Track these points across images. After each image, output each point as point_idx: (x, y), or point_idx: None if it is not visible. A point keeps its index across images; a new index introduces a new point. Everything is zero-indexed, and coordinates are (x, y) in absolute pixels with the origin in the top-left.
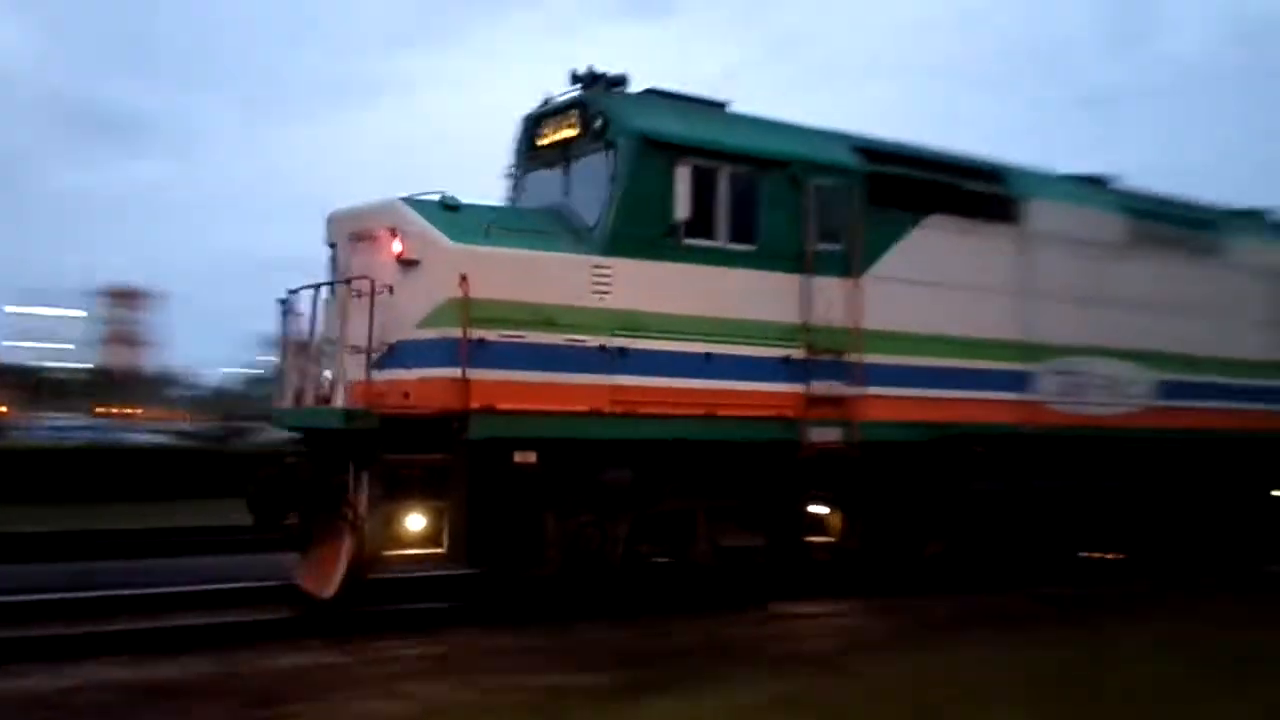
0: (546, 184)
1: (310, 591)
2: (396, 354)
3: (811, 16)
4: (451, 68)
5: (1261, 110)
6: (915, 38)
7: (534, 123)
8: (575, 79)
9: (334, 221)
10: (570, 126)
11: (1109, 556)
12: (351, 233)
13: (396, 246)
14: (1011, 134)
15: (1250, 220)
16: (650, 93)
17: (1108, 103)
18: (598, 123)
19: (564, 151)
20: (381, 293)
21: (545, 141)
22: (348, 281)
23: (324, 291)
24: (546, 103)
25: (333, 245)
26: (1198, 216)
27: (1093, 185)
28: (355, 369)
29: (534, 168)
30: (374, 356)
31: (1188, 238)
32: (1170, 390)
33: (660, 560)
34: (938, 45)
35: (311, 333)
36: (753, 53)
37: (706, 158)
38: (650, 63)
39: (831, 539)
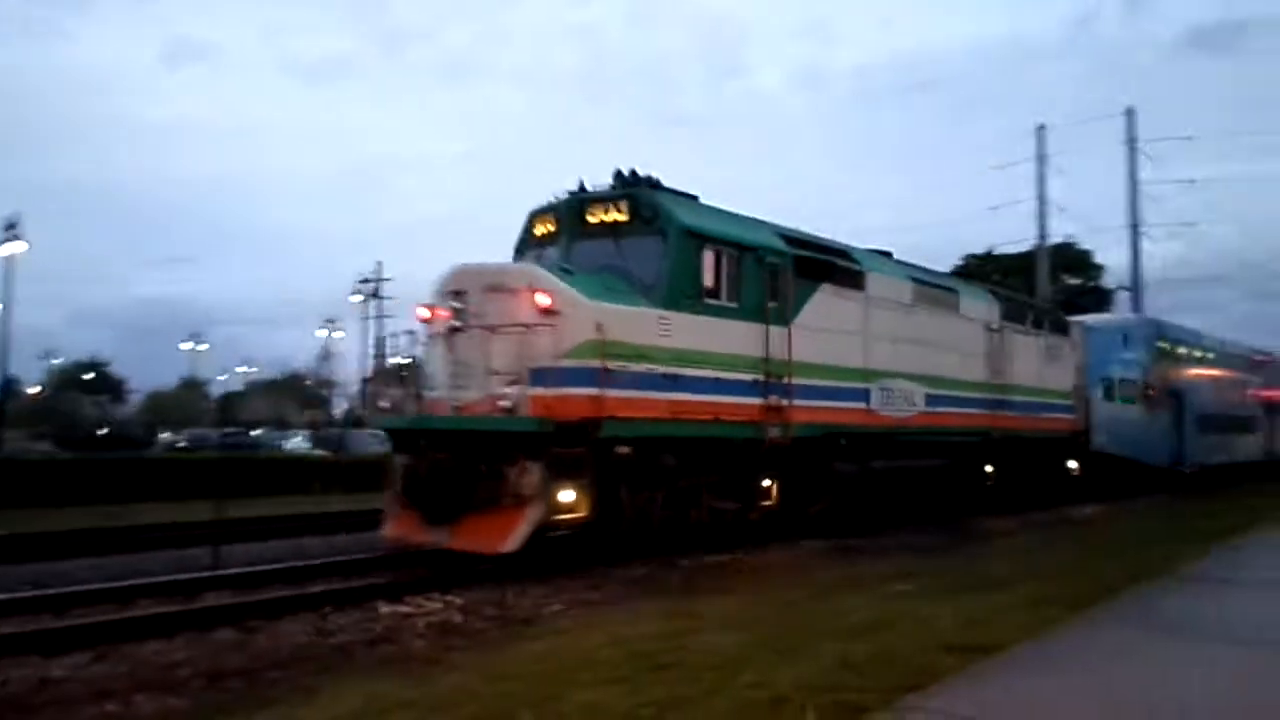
0: (594, 251)
1: (478, 550)
2: (538, 378)
3: (430, 11)
4: None
5: (822, 140)
6: (537, 45)
7: (581, 205)
8: (619, 176)
9: (464, 274)
10: (620, 212)
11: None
12: (485, 286)
13: (543, 300)
14: (625, 147)
15: (961, 284)
16: (673, 192)
17: (703, 124)
18: (649, 214)
19: (613, 229)
20: (518, 332)
21: (595, 220)
22: (492, 328)
23: (439, 327)
24: (584, 190)
25: (457, 293)
26: (942, 283)
27: (887, 258)
28: (497, 388)
29: (582, 239)
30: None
31: (939, 297)
32: (934, 401)
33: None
34: (560, 55)
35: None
36: (364, 45)
37: (718, 244)
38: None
39: (770, 503)
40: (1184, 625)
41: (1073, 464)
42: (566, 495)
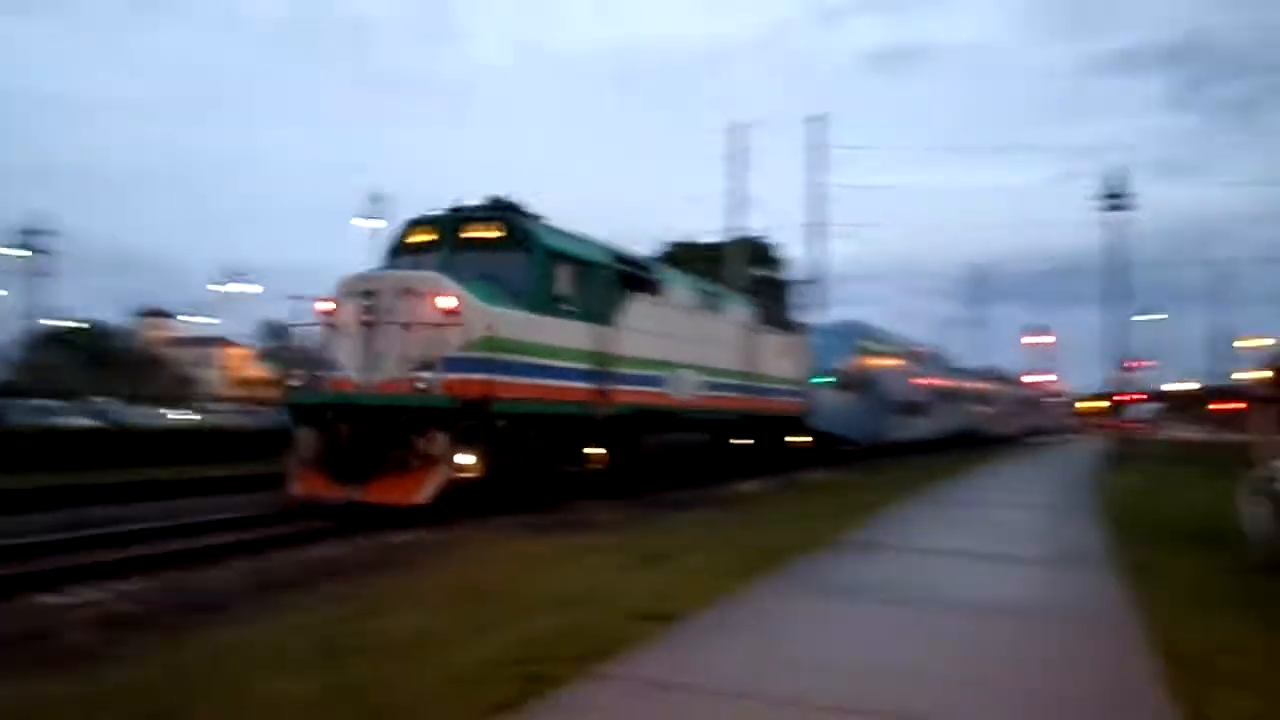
0: (472, 262)
1: (393, 503)
2: (448, 365)
3: None
4: None
5: (532, 116)
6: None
7: (460, 222)
8: (496, 201)
9: (376, 279)
10: (496, 231)
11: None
12: (397, 289)
13: (445, 303)
14: (328, 108)
15: (722, 291)
16: (529, 215)
17: (413, 88)
18: (520, 235)
19: (488, 244)
20: (429, 328)
21: (472, 235)
22: (407, 326)
23: (347, 321)
24: (461, 209)
25: (368, 293)
26: (714, 291)
27: (677, 272)
28: (412, 372)
29: (461, 250)
30: (424, 366)
31: (712, 303)
32: (708, 387)
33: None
34: (262, 6)
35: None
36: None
37: (569, 261)
38: None
39: (600, 465)
40: (843, 588)
41: (802, 439)
42: (465, 459)
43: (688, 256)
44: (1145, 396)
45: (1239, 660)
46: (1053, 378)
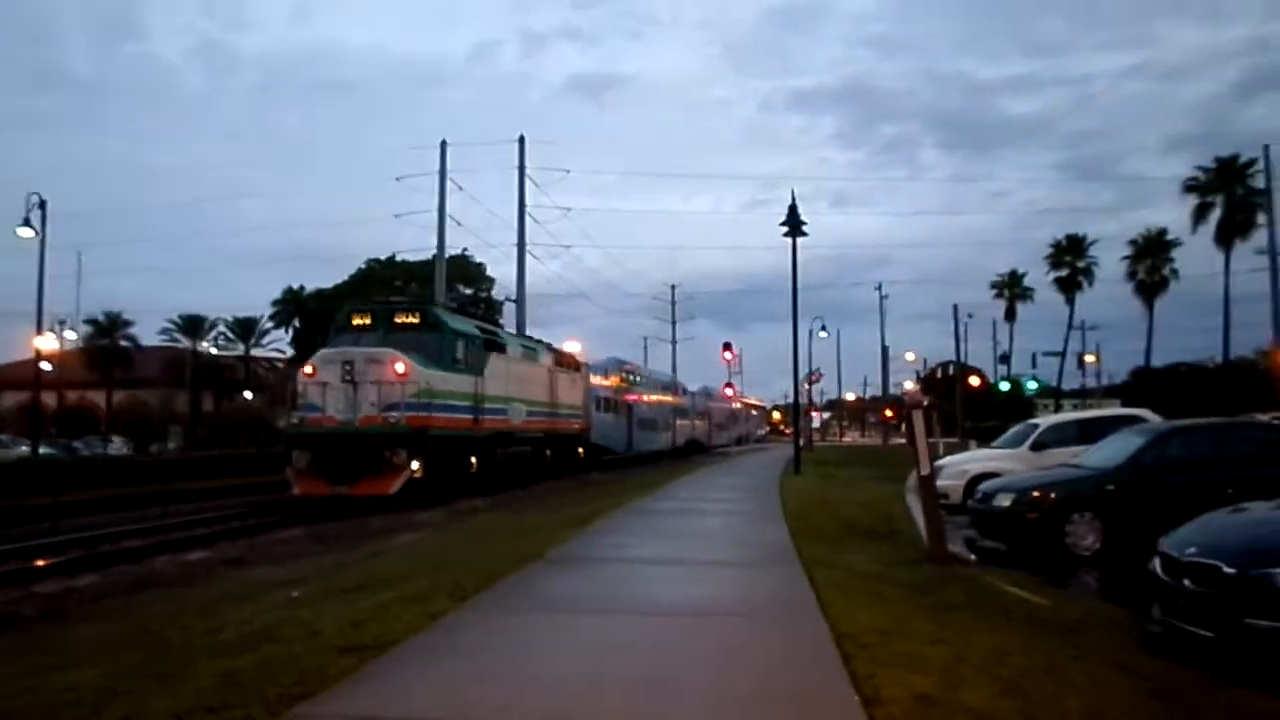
0: (400, 339)
1: (374, 494)
2: (399, 405)
3: None
4: None
5: (220, 124)
6: None
7: (392, 311)
8: (413, 298)
9: (352, 354)
10: (417, 318)
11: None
12: (367, 360)
13: (400, 369)
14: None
15: (538, 344)
16: (443, 305)
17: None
18: (433, 320)
19: (411, 327)
20: (391, 384)
21: (400, 320)
22: (376, 383)
23: (330, 379)
24: (393, 303)
25: (347, 363)
26: (533, 345)
27: (513, 334)
28: (373, 410)
29: (392, 331)
30: (390, 408)
31: (530, 354)
32: (529, 414)
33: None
34: None
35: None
36: None
37: (460, 336)
38: None
39: (473, 471)
40: (549, 601)
41: (581, 450)
42: (415, 465)
43: (389, 275)
44: (816, 411)
45: (910, 643)
46: (740, 390)
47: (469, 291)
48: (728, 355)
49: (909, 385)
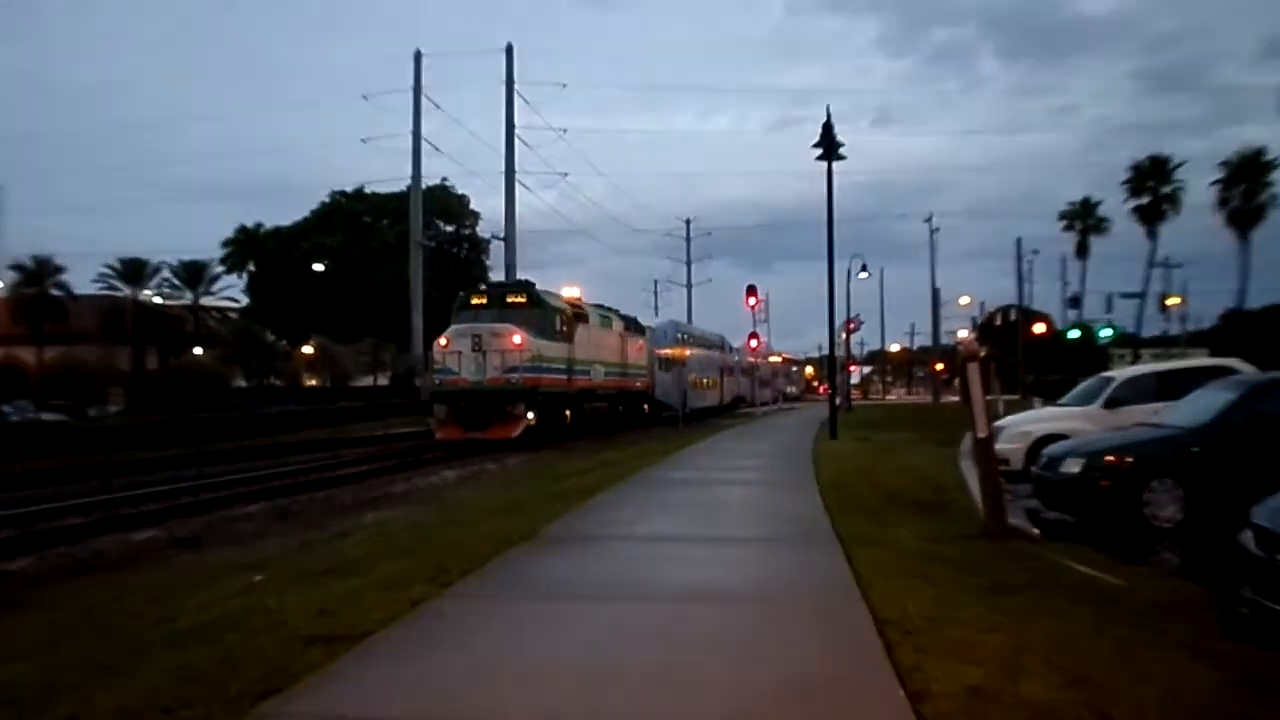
0: (511, 315)
1: (499, 438)
2: (518, 369)
3: None
4: None
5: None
6: None
7: (503, 292)
8: (519, 281)
9: (478, 328)
10: (523, 297)
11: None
12: (491, 333)
13: (517, 340)
14: None
15: (611, 312)
16: (536, 285)
17: None
18: (537, 299)
19: (518, 305)
20: (510, 351)
21: (510, 300)
22: (499, 351)
23: (462, 348)
24: (504, 285)
25: (476, 336)
26: (608, 314)
27: (595, 307)
28: (496, 373)
29: (503, 308)
30: (510, 371)
31: (606, 321)
32: (605, 374)
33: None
34: None
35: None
36: None
37: (557, 311)
38: None
39: (568, 423)
40: (541, 586)
41: (646, 406)
42: (531, 415)
43: (357, 209)
44: (854, 365)
45: (962, 630)
46: (766, 342)
47: (450, 228)
48: (751, 301)
49: (963, 334)
